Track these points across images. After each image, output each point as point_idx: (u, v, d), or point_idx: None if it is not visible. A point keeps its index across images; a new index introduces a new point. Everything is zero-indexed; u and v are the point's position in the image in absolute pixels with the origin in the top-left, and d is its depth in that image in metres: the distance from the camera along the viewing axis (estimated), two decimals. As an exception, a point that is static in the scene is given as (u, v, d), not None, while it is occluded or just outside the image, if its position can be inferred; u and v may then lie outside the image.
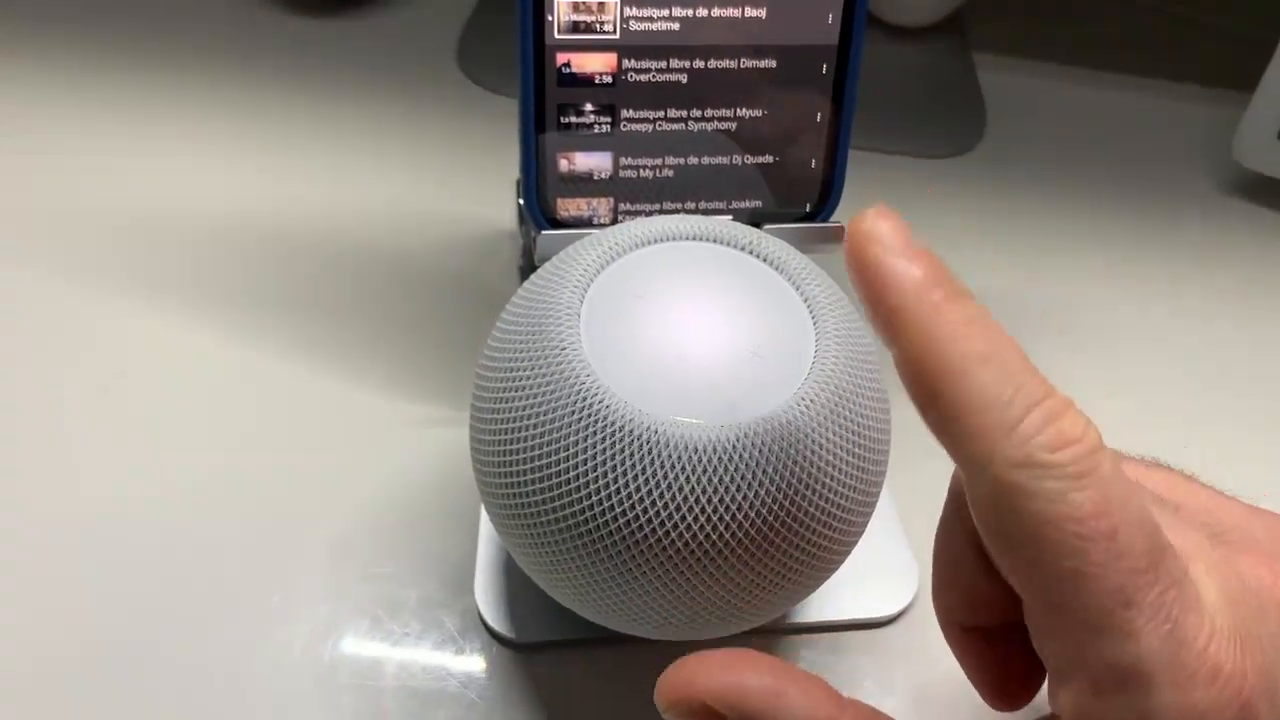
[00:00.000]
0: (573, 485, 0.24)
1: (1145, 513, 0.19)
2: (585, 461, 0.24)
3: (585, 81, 0.32)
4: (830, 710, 0.21)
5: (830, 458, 0.25)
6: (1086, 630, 0.19)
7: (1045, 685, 0.21)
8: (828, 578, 0.28)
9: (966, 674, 0.26)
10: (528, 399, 0.25)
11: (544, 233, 0.33)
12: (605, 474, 0.24)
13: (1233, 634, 0.19)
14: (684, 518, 0.24)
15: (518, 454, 0.25)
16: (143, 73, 0.56)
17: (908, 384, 0.20)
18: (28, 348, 0.41)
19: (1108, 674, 0.19)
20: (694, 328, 0.26)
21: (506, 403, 0.26)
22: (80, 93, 0.54)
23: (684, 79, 0.32)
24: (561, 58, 0.32)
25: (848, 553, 0.28)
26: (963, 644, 0.26)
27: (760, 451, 0.24)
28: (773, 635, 0.33)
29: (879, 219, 0.20)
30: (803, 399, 0.24)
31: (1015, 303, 0.44)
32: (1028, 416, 0.18)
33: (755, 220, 0.34)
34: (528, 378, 0.25)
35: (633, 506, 0.24)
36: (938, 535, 0.25)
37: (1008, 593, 0.20)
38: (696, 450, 0.24)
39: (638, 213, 0.34)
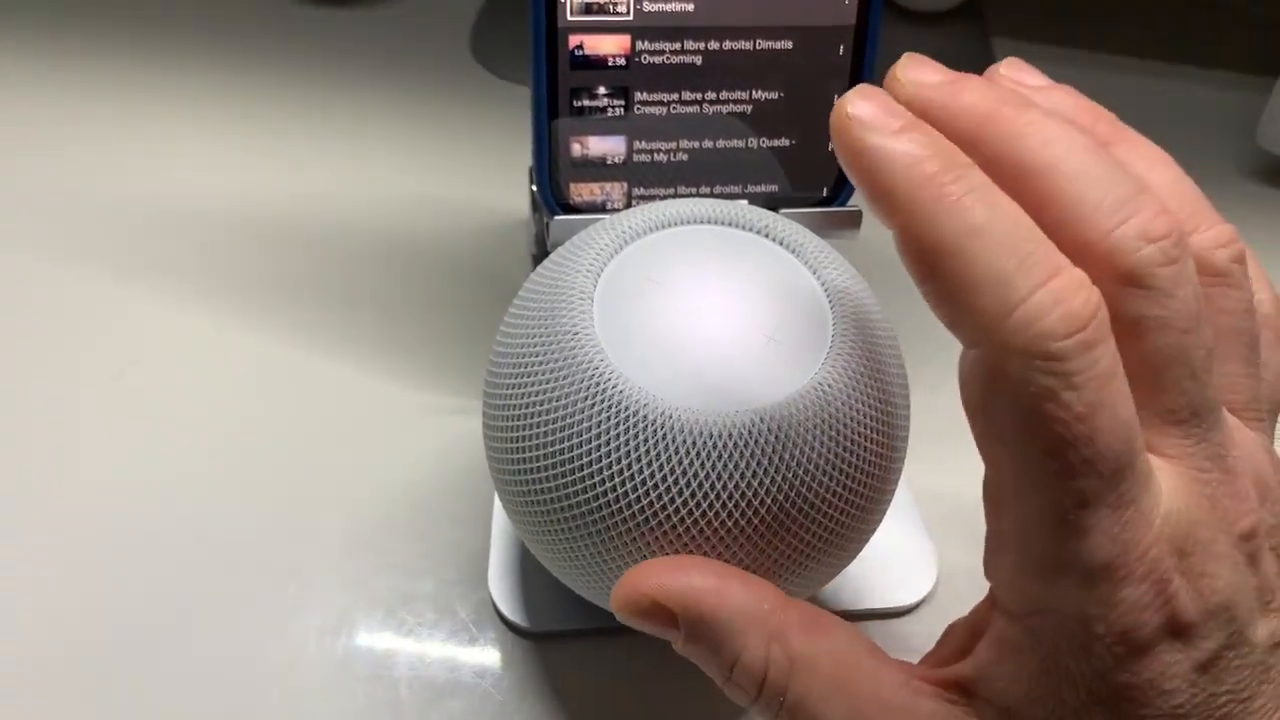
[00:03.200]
0: (586, 471, 0.24)
1: (1127, 417, 0.18)
2: (599, 447, 0.24)
3: (598, 64, 0.32)
4: (774, 603, 0.22)
5: (847, 444, 0.24)
6: (1037, 517, 0.19)
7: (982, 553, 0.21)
8: (844, 566, 0.27)
9: None
10: (541, 384, 0.25)
11: (557, 218, 0.33)
12: (619, 460, 0.23)
13: (1175, 544, 0.19)
14: (699, 504, 0.23)
15: (531, 440, 0.25)
16: (158, 61, 0.56)
17: (906, 262, 0.19)
18: (43, 335, 0.41)
19: (1045, 559, 0.19)
20: (709, 312, 0.25)
21: (520, 388, 0.25)
22: (96, 81, 0.54)
23: (698, 61, 0.32)
24: (574, 40, 0.31)
25: (865, 541, 0.27)
26: None
27: (776, 437, 0.23)
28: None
29: (860, 99, 0.19)
30: (819, 384, 0.24)
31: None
32: (1031, 297, 0.18)
33: (771, 204, 0.34)
34: (541, 363, 0.25)
35: (647, 493, 0.23)
36: None
37: None
38: (711, 436, 0.23)
39: (651, 197, 0.34)
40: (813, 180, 0.34)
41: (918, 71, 0.20)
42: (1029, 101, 0.20)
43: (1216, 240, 0.21)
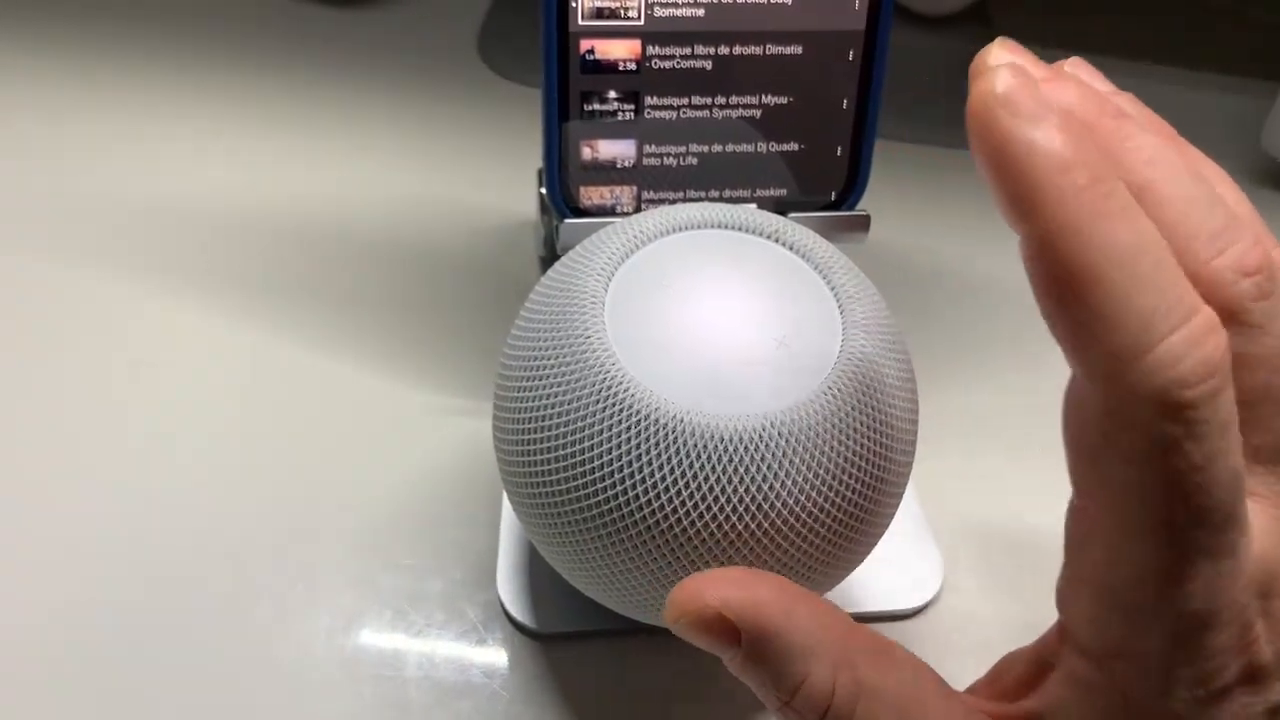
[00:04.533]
0: (596, 474, 0.24)
1: (1238, 469, 0.18)
2: (609, 451, 0.24)
3: (609, 68, 0.32)
4: (843, 628, 0.20)
5: (857, 448, 0.24)
6: (1136, 564, 0.18)
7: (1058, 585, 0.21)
8: (853, 569, 0.27)
9: None
10: (551, 388, 0.25)
11: (566, 221, 0.33)
12: (629, 463, 0.24)
13: (1260, 589, 0.18)
14: (709, 507, 0.23)
15: (541, 443, 0.25)
16: (166, 62, 0.56)
17: (1034, 273, 0.17)
18: (57, 336, 0.41)
19: (1133, 602, 0.18)
20: (719, 316, 0.25)
21: (530, 391, 0.25)
22: (100, 81, 0.54)
23: (709, 65, 0.32)
24: (585, 44, 0.31)
25: (873, 545, 0.27)
26: None
27: (786, 442, 0.23)
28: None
29: (1009, 75, 0.17)
30: (829, 389, 0.24)
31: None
32: (1169, 338, 0.16)
33: (780, 209, 0.34)
34: (551, 366, 0.25)
35: (657, 496, 0.24)
36: None
37: None
38: (721, 440, 0.23)
39: (661, 201, 0.34)
40: (821, 184, 0.34)
41: (1011, 60, 0.18)
42: (1124, 111, 0.19)
43: None
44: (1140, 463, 0.17)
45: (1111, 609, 0.19)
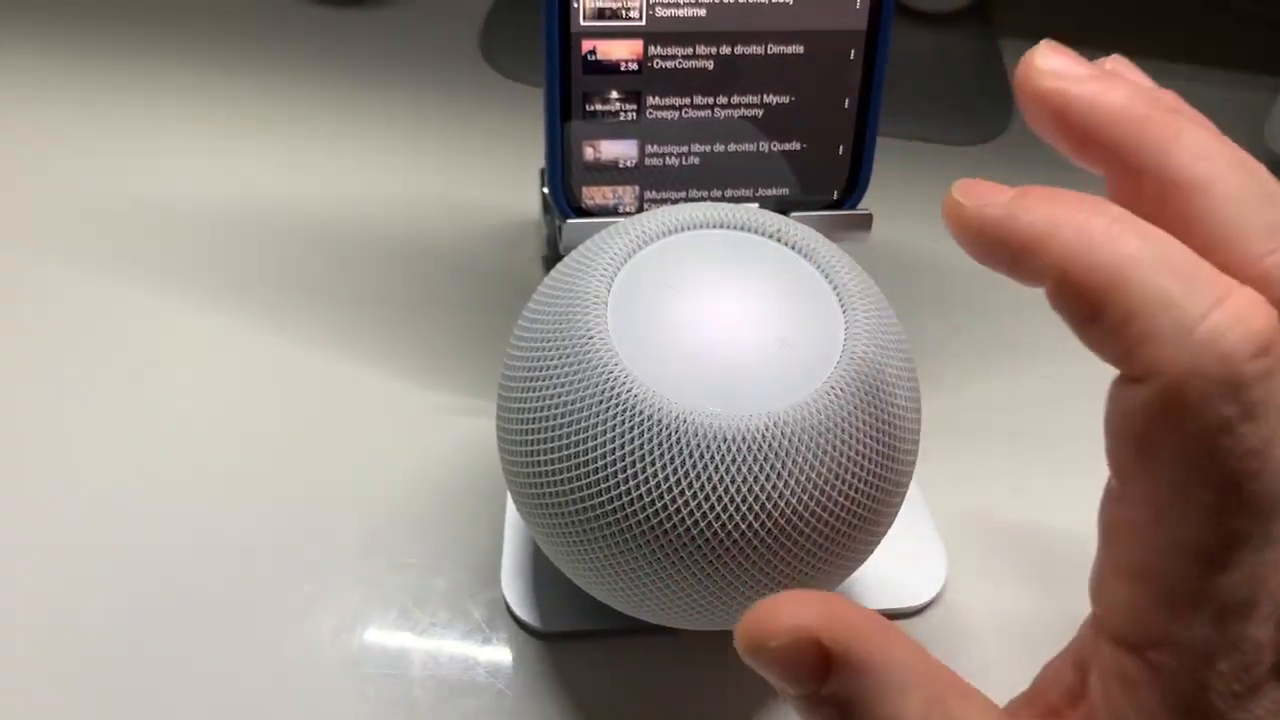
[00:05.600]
0: (600, 474, 0.24)
1: None
2: (612, 450, 0.24)
3: (611, 69, 0.32)
4: (932, 663, 0.19)
5: (860, 447, 0.24)
6: (1181, 552, 0.18)
7: (1092, 574, 0.20)
8: (856, 568, 0.28)
9: None
10: (555, 388, 0.25)
11: (569, 221, 0.33)
12: (632, 463, 0.24)
13: None
14: (712, 507, 0.24)
15: (545, 443, 0.25)
16: (166, 62, 0.56)
17: (1065, 308, 0.18)
18: (58, 336, 0.41)
19: (1181, 592, 0.18)
20: (722, 316, 0.25)
21: (533, 391, 0.25)
22: (103, 82, 0.54)
23: (710, 65, 0.32)
24: (587, 45, 0.31)
25: (876, 543, 0.27)
26: None
27: (789, 441, 0.23)
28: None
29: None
30: (832, 388, 0.24)
31: (1042, 292, 0.44)
32: (1210, 315, 0.16)
33: (782, 208, 0.34)
34: (555, 366, 0.25)
35: (660, 496, 0.24)
36: None
37: None
38: (725, 440, 0.23)
39: (663, 201, 0.34)
40: (823, 184, 0.35)
41: (1059, 61, 0.19)
42: (1176, 108, 0.19)
43: None
44: (1194, 448, 0.17)
45: (1152, 597, 0.19)
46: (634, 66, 0.32)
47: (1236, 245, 0.18)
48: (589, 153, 0.33)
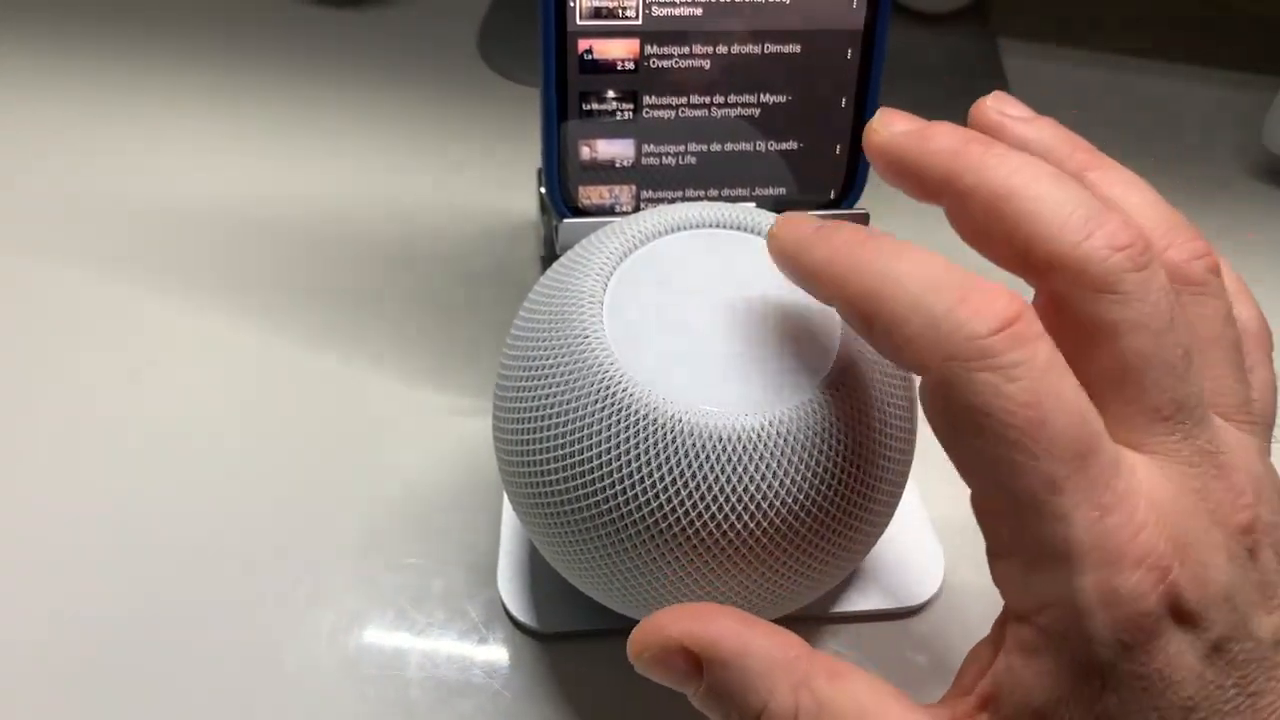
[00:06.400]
0: (596, 474, 0.24)
1: (1077, 404, 0.19)
2: (608, 450, 0.24)
3: (607, 68, 0.32)
4: (798, 651, 0.22)
5: (856, 447, 0.24)
6: (1019, 512, 0.19)
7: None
8: (853, 568, 0.28)
9: None
10: (551, 387, 0.25)
11: (566, 221, 0.33)
12: (628, 463, 0.24)
13: (1168, 532, 0.19)
14: (708, 507, 0.24)
15: (540, 443, 0.25)
16: (166, 62, 0.56)
17: (843, 314, 0.22)
18: (59, 336, 0.41)
19: (1036, 552, 0.19)
20: (718, 315, 0.25)
21: (529, 391, 0.25)
22: (104, 82, 0.54)
23: (707, 65, 0.32)
24: (583, 44, 0.31)
25: (873, 543, 0.27)
26: None
27: (785, 441, 0.23)
28: (796, 625, 0.33)
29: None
30: (827, 389, 0.24)
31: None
32: (953, 310, 0.19)
33: (779, 207, 0.34)
34: (551, 366, 0.25)
35: (656, 496, 0.24)
36: None
37: None
38: (721, 439, 0.23)
39: (660, 200, 0.34)
40: (820, 183, 0.35)
41: (892, 122, 0.23)
42: (993, 140, 0.22)
43: (1192, 253, 0.22)
44: (977, 418, 0.19)
45: (1022, 565, 0.20)
46: (630, 66, 0.32)
47: (1055, 237, 0.20)
48: (585, 152, 0.33)
